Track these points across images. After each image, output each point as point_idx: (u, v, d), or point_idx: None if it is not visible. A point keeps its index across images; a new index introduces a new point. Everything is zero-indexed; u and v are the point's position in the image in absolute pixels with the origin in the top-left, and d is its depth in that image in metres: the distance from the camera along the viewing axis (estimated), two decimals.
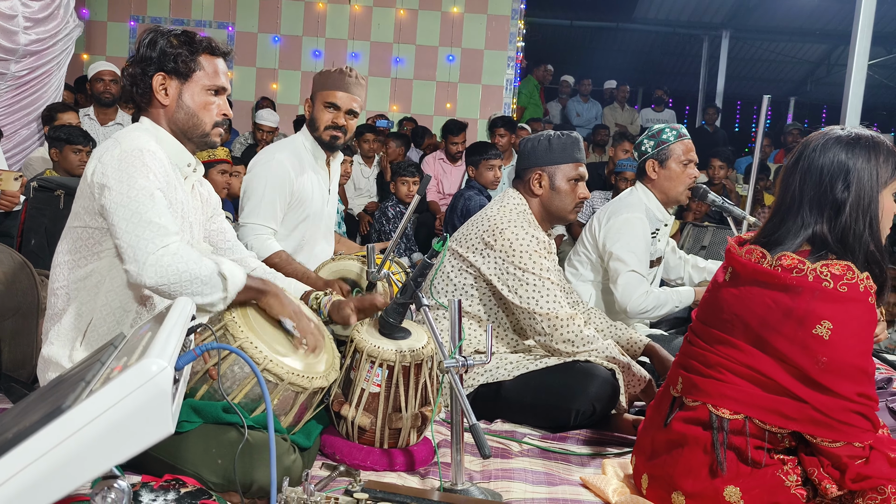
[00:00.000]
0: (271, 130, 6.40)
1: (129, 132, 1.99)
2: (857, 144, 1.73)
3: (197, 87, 2.03)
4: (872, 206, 1.70)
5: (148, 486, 1.62)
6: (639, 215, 3.02)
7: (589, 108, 9.70)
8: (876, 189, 1.71)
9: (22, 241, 2.99)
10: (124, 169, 1.87)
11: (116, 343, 1.29)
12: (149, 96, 2.03)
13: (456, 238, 2.64)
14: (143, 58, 2.02)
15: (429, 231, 5.75)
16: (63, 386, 1.09)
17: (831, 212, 1.71)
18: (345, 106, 2.91)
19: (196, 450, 1.77)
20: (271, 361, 1.87)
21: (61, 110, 4.92)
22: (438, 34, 8.15)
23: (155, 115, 2.05)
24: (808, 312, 1.64)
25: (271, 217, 2.85)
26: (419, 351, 2.08)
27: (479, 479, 2.04)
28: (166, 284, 1.80)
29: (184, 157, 2.07)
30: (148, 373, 0.98)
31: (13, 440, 0.94)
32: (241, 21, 8.18)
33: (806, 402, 1.65)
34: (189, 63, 2.01)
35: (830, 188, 1.71)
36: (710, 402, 1.75)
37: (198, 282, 1.81)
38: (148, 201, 1.84)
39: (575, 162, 2.61)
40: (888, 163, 1.72)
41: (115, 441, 0.96)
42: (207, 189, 2.26)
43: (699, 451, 1.76)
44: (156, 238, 1.80)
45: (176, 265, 1.79)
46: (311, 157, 2.98)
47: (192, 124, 2.05)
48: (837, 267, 1.65)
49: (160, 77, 2.01)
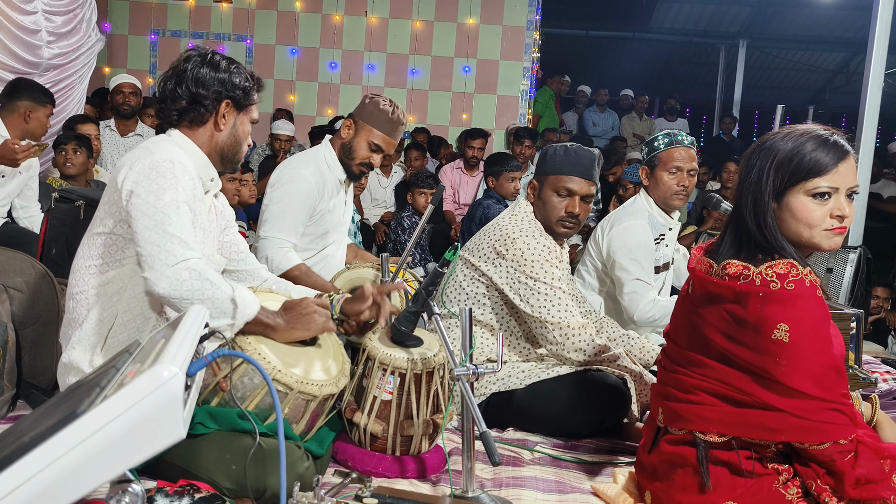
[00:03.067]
0: (288, 140, 6.48)
1: (160, 143, 2.04)
2: (763, 145, 1.71)
3: (247, 119, 2.18)
4: (765, 211, 1.67)
5: (163, 492, 1.64)
6: (640, 222, 3.03)
7: (605, 118, 9.70)
8: (767, 189, 1.67)
9: (43, 251, 3.05)
10: (154, 178, 1.91)
11: (132, 350, 1.32)
12: (206, 118, 2.10)
13: (468, 248, 2.66)
14: (215, 80, 2.09)
15: (444, 240, 5.78)
16: (79, 391, 1.12)
17: (750, 217, 1.69)
18: (387, 150, 2.96)
19: (210, 456, 1.80)
20: (280, 371, 1.89)
21: (81, 122, 5.00)
22: (454, 45, 8.20)
23: (200, 133, 2.11)
24: (762, 319, 1.61)
25: (293, 231, 2.88)
26: (431, 359, 2.09)
27: (490, 487, 2.05)
28: (178, 298, 1.83)
29: (209, 171, 2.13)
30: (160, 378, 1.01)
31: (29, 444, 0.97)
32: (259, 34, 8.28)
33: (783, 410, 1.62)
34: (251, 98, 2.16)
35: (742, 189, 1.72)
36: (696, 429, 1.73)
37: (209, 303, 1.83)
38: (173, 213, 1.88)
39: (563, 174, 2.57)
40: (789, 164, 1.67)
41: (127, 445, 0.99)
42: (222, 202, 2.31)
43: (690, 470, 1.74)
44: (176, 250, 1.84)
45: (192, 281, 1.83)
46: (332, 172, 3.00)
47: (234, 150, 2.17)
48: (781, 266, 1.62)
49: (226, 104, 2.10)
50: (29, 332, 2.44)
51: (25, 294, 2.46)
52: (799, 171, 1.66)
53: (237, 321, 1.87)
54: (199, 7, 8.25)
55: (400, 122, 2.94)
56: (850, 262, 4.03)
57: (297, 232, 2.89)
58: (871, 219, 5.24)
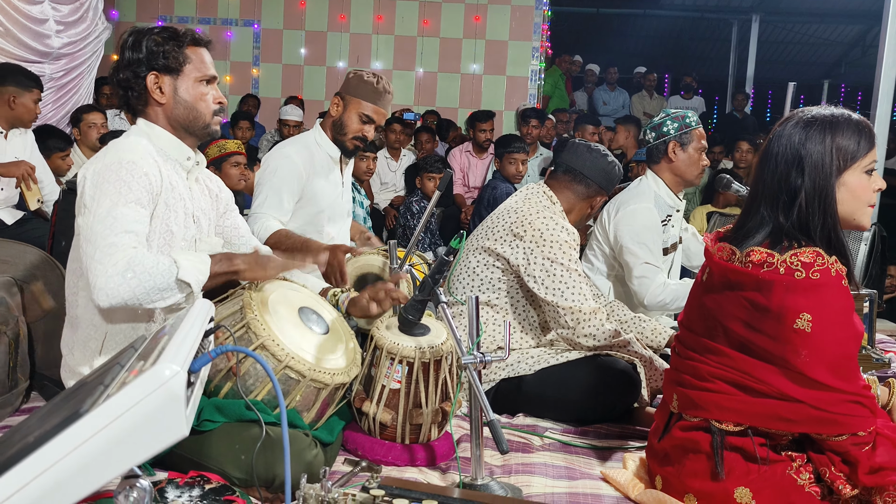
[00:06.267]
0: (296, 125, 6.46)
1: (120, 141, 2.00)
2: (811, 127, 1.66)
3: (189, 80, 2.04)
4: (829, 192, 1.64)
5: (174, 483, 1.66)
6: (646, 205, 3.00)
7: (616, 97, 9.62)
8: (831, 172, 1.64)
9: (53, 243, 3.06)
10: (99, 185, 1.87)
11: (136, 345, 1.32)
12: (145, 97, 2.03)
13: (481, 233, 2.65)
14: (130, 61, 2.02)
15: (455, 224, 5.76)
16: (83, 390, 1.13)
17: (788, 201, 1.65)
18: (378, 121, 2.97)
19: (220, 446, 1.81)
20: (293, 358, 1.90)
21: (87, 111, 5.01)
22: (462, 26, 8.14)
23: (153, 114, 2.05)
24: (784, 308, 1.59)
25: (278, 208, 2.91)
26: (438, 347, 2.09)
27: (500, 474, 2.06)
28: (123, 303, 1.78)
29: (182, 151, 2.06)
30: (161, 378, 1.01)
31: (34, 444, 0.97)
32: (266, 18, 8.25)
33: (802, 401, 1.61)
34: (178, 57, 2.01)
35: (785, 177, 1.66)
36: (711, 418, 1.72)
37: (155, 291, 1.79)
38: (108, 221, 1.81)
39: (604, 196, 2.72)
40: (848, 142, 1.65)
41: (131, 443, 0.99)
42: (217, 184, 2.27)
43: (703, 456, 1.74)
44: (104, 259, 1.78)
45: (128, 283, 1.76)
46: (324, 154, 3.02)
47: (192, 117, 2.05)
48: (807, 255, 1.60)
49: (153, 76, 2.01)
50: (40, 324, 2.46)
51: (36, 287, 2.48)
52: (860, 149, 1.65)
53: (194, 290, 1.84)
54: None
55: (386, 91, 2.97)
56: (865, 240, 3.98)
57: (282, 208, 2.92)
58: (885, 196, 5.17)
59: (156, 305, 1.82)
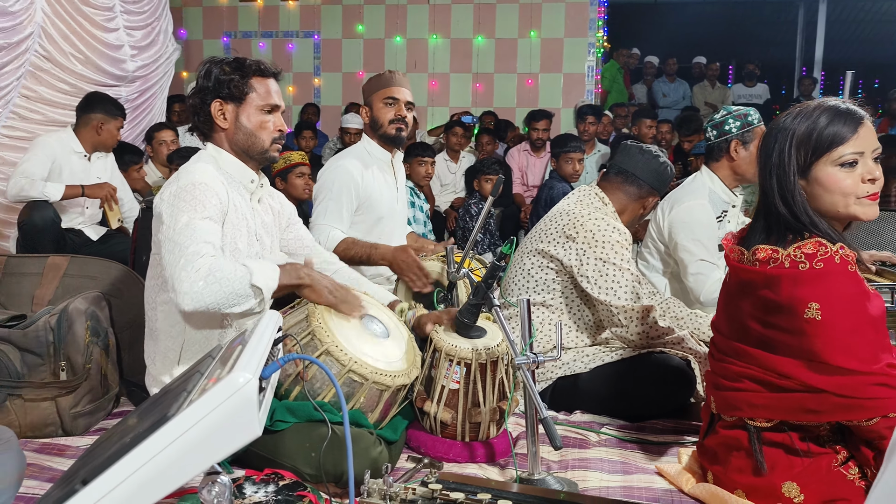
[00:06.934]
0: (357, 133, 6.61)
1: (191, 165, 2.17)
2: (778, 125, 1.70)
3: (251, 108, 2.21)
4: (792, 190, 1.66)
5: (250, 480, 1.80)
6: (701, 202, 3.01)
7: (676, 88, 9.46)
8: (789, 171, 1.67)
9: (134, 258, 3.28)
10: (175, 204, 2.04)
11: (214, 354, 1.47)
12: (210, 123, 2.22)
13: (533, 236, 2.73)
14: (200, 88, 2.21)
15: (514, 223, 5.82)
16: (169, 395, 1.27)
17: (776, 201, 1.69)
18: (403, 98, 3.08)
19: (292, 445, 1.94)
20: (356, 363, 2.02)
21: (158, 129, 5.28)
22: (517, 24, 8.18)
23: (217, 139, 2.24)
24: (793, 300, 1.62)
25: (338, 218, 3.03)
26: (494, 349, 2.18)
27: (557, 469, 2.13)
28: (205, 308, 1.94)
29: (246, 174, 2.24)
30: (235, 385, 1.14)
31: (130, 444, 1.12)
32: (325, 29, 8.47)
33: (825, 391, 1.62)
34: (242, 87, 2.19)
35: (766, 174, 1.71)
36: (745, 416, 1.76)
37: (233, 296, 1.95)
38: (188, 232, 1.98)
39: (657, 196, 2.74)
40: (813, 138, 1.66)
41: (211, 443, 1.13)
42: (279, 200, 2.43)
43: (745, 453, 1.78)
44: (188, 265, 1.93)
45: (209, 287, 1.91)
46: (375, 160, 3.14)
47: (252, 142, 2.22)
48: (809, 245, 1.62)
49: (217, 103, 2.19)
50: (126, 334, 2.66)
51: (120, 299, 2.68)
52: (821, 143, 1.67)
53: (265, 297, 1.99)
54: (267, 7, 8.51)
55: (394, 74, 3.12)
56: None
57: (341, 219, 3.04)
58: None
59: (232, 310, 1.97)
